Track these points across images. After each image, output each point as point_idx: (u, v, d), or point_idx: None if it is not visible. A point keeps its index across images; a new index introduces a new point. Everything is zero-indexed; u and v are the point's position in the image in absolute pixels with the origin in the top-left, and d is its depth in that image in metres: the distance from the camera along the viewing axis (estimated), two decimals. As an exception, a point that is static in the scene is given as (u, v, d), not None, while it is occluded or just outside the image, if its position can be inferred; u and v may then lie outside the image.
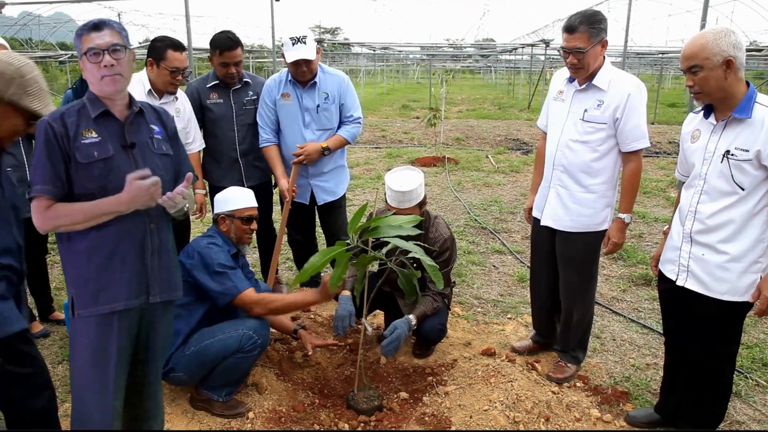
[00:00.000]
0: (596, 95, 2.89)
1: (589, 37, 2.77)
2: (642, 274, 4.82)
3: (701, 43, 2.21)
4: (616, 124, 2.86)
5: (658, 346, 3.63)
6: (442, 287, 2.69)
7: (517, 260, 5.27)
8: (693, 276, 2.41)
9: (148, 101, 3.47)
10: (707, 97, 2.30)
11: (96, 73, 1.93)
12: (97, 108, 1.98)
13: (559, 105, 3.07)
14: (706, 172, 2.33)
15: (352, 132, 3.98)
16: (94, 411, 2.02)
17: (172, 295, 2.16)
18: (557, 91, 3.11)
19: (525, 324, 3.96)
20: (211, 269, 2.78)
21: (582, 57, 2.81)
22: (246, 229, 3.02)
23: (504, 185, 8.40)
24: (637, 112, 2.83)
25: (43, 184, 1.90)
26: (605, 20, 2.83)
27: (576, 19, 2.80)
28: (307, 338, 3.22)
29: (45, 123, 1.92)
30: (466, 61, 42.28)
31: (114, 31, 1.96)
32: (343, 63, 32.69)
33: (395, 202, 3.14)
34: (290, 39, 3.65)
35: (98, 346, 1.99)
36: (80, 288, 1.97)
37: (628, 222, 3.00)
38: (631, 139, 2.87)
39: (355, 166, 9.59)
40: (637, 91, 2.83)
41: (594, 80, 2.88)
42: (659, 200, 7.49)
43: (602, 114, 2.87)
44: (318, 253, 2.58)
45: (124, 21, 28.49)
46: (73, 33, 2.07)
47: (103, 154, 1.95)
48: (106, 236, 1.95)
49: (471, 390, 2.97)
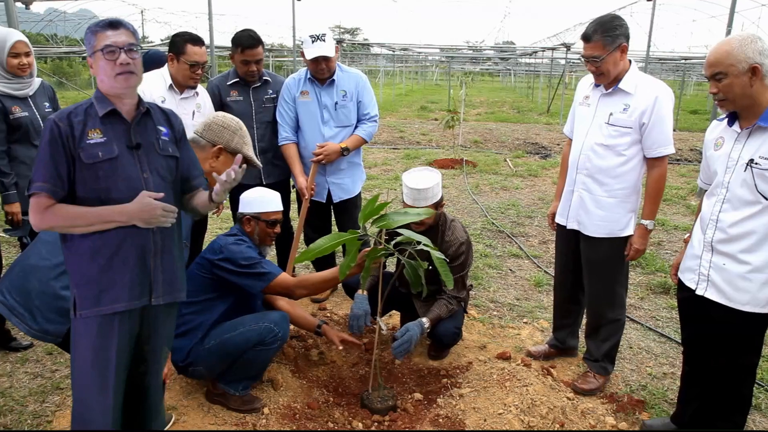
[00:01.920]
0: (623, 99, 2.88)
1: (604, 44, 2.78)
2: (660, 282, 4.78)
3: (726, 49, 2.19)
4: (642, 129, 2.84)
5: (675, 355, 3.60)
6: (452, 285, 2.69)
7: (534, 264, 5.25)
8: (713, 285, 2.38)
9: (169, 96, 3.53)
10: (731, 104, 2.27)
11: (110, 70, 1.93)
12: (105, 107, 1.98)
13: (585, 109, 3.06)
14: (729, 180, 2.30)
15: (368, 131, 4.03)
16: (94, 411, 2.02)
17: (175, 297, 2.15)
18: (583, 96, 3.10)
19: (541, 329, 3.95)
20: (241, 263, 2.79)
21: (599, 64, 2.81)
22: (270, 232, 3.05)
23: (522, 189, 8.37)
24: (664, 118, 2.81)
25: (43, 182, 1.89)
26: (622, 25, 2.81)
27: (591, 28, 2.81)
28: (332, 333, 3.17)
29: (51, 122, 1.92)
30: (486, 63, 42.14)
31: (129, 31, 1.98)
32: (362, 63, 32.74)
33: (411, 199, 3.16)
34: (310, 36, 3.72)
35: (99, 347, 1.98)
36: (82, 288, 1.97)
37: (651, 228, 2.97)
38: (657, 144, 2.85)
39: (373, 167, 9.61)
40: (665, 96, 2.81)
41: (620, 84, 2.87)
42: (679, 208, 7.42)
43: (628, 118, 2.85)
44: (327, 236, 2.59)
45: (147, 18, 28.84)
46: None
47: (107, 154, 1.94)
48: (109, 237, 1.95)
49: (486, 393, 2.97)
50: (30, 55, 3.34)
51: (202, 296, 2.86)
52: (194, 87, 3.64)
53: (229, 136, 2.75)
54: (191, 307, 2.84)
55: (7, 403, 2.99)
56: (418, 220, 2.66)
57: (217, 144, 2.73)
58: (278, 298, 3.19)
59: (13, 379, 3.22)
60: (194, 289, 2.86)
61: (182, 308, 2.87)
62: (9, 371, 3.29)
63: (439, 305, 3.28)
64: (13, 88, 3.30)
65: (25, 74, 3.32)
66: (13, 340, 3.53)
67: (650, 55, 12.73)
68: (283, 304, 3.22)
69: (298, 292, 2.88)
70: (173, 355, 2.87)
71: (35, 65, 3.44)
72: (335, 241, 2.57)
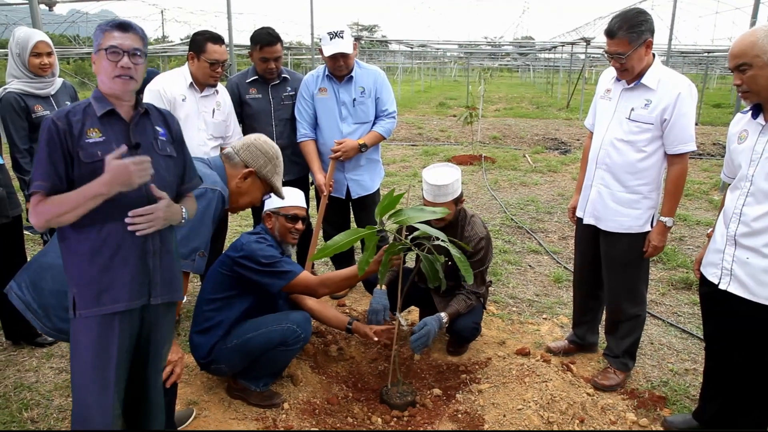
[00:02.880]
0: (644, 94, 2.84)
1: (629, 41, 2.73)
2: (682, 277, 4.72)
3: (751, 40, 2.15)
4: (663, 125, 2.80)
5: (697, 351, 3.55)
6: (471, 281, 2.68)
7: (554, 260, 5.21)
8: (736, 280, 2.35)
9: (189, 94, 3.56)
10: (756, 96, 2.23)
11: (110, 71, 1.92)
12: (103, 107, 1.96)
13: (606, 103, 3.03)
14: (753, 173, 2.27)
15: (387, 127, 4.03)
16: (94, 411, 2.01)
17: (173, 297, 2.14)
18: (605, 89, 3.06)
19: (560, 325, 3.92)
20: (261, 261, 2.79)
21: (624, 61, 2.76)
22: (290, 227, 3.04)
23: (541, 185, 8.31)
24: (686, 114, 2.77)
25: (42, 181, 1.87)
26: (648, 20, 2.75)
27: (615, 23, 2.75)
28: (363, 328, 3.12)
29: (50, 121, 1.90)
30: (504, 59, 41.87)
31: (138, 36, 1.96)
32: (380, 60, 32.72)
33: (431, 196, 3.16)
34: (328, 34, 3.75)
35: (99, 347, 1.97)
36: (82, 288, 1.96)
37: (671, 226, 2.94)
38: (678, 141, 2.81)
39: (392, 163, 9.61)
40: (688, 92, 2.76)
41: (642, 79, 2.83)
42: (701, 203, 7.31)
43: (649, 114, 2.81)
44: (345, 232, 2.59)
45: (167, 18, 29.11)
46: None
47: (106, 153, 1.91)
48: (108, 237, 1.94)
49: (505, 389, 2.96)
50: (52, 55, 3.39)
51: (222, 293, 2.88)
52: (214, 85, 3.67)
53: (263, 162, 2.72)
54: (212, 304, 2.87)
55: (34, 398, 3.05)
56: (435, 218, 2.65)
57: (250, 166, 2.71)
58: (306, 298, 3.18)
59: (39, 374, 3.28)
60: (215, 286, 2.89)
61: (203, 305, 2.90)
62: (35, 366, 3.36)
63: (458, 300, 3.28)
64: (35, 87, 3.36)
65: (46, 74, 3.38)
66: (38, 336, 3.60)
67: (672, 48, 12.55)
68: (313, 304, 3.20)
69: (321, 290, 2.89)
70: (195, 352, 2.90)
71: (57, 65, 3.49)
72: (353, 237, 2.57)
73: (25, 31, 3.36)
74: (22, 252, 3.52)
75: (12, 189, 3.34)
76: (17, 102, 3.28)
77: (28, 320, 2.28)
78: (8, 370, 3.31)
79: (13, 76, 3.34)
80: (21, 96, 3.30)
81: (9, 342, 3.60)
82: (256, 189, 2.75)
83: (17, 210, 3.36)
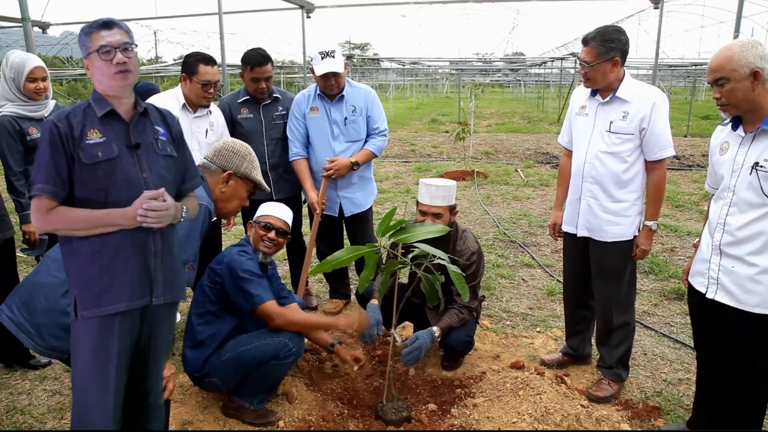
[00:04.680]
0: (621, 107, 2.95)
1: (598, 53, 2.88)
2: (674, 288, 4.75)
3: (727, 55, 2.22)
4: (642, 134, 2.92)
5: (690, 361, 3.57)
6: (467, 298, 2.71)
7: (547, 274, 5.24)
8: (723, 289, 2.38)
9: (182, 115, 3.59)
10: (734, 108, 2.29)
11: (107, 70, 1.93)
12: (103, 107, 1.98)
13: (583, 119, 3.12)
14: (735, 184, 2.32)
15: (378, 145, 4.08)
16: (94, 412, 2.01)
17: (174, 297, 2.14)
18: (579, 106, 3.17)
19: (554, 338, 3.94)
20: (236, 275, 2.83)
21: (588, 70, 2.93)
22: (263, 235, 3.05)
23: (533, 199, 8.37)
24: (661, 121, 2.90)
25: (44, 184, 1.88)
26: (621, 40, 2.88)
27: (591, 33, 2.92)
28: (343, 352, 3.21)
29: (51, 123, 1.91)
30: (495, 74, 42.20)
31: (123, 31, 1.98)
32: (372, 78, 32.95)
33: (428, 197, 3.21)
34: (319, 53, 3.79)
35: (100, 348, 1.97)
36: (83, 289, 1.96)
37: (655, 229, 3.05)
38: (657, 148, 2.92)
39: (384, 180, 9.65)
40: (662, 102, 2.90)
41: (617, 92, 2.95)
42: (692, 214, 7.37)
43: (629, 125, 2.92)
44: (345, 248, 2.64)
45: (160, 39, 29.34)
46: None
47: (107, 154, 1.94)
48: (109, 238, 1.94)
49: (499, 402, 2.97)
50: (46, 80, 3.43)
51: (210, 307, 2.91)
52: (207, 106, 3.71)
53: (238, 162, 2.81)
54: (201, 318, 2.90)
55: (27, 421, 3.04)
56: (437, 235, 2.68)
57: (227, 169, 2.78)
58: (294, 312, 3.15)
59: (32, 396, 3.27)
60: (202, 300, 2.92)
61: (193, 320, 2.91)
62: (28, 389, 3.35)
63: (450, 315, 3.30)
64: (29, 110, 3.39)
65: (41, 98, 3.41)
66: (32, 358, 3.59)
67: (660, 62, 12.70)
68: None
69: (276, 321, 2.87)
70: (188, 366, 2.91)
71: (51, 88, 3.53)
72: (353, 254, 2.61)
73: (20, 55, 3.39)
74: (15, 274, 3.52)
75: (5, 211, 3.35)
76: (12, 125, 3.30)
77: (20, 341, 2.28)
78: (1, 393, 3.30)
79: (7, 99, 3.36)
80: (15, 119, 3.33)
81: (2, 365, 3.58)
82: (240, 188, 2.83)
83: (9, 232, 3.37)
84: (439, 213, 3.22)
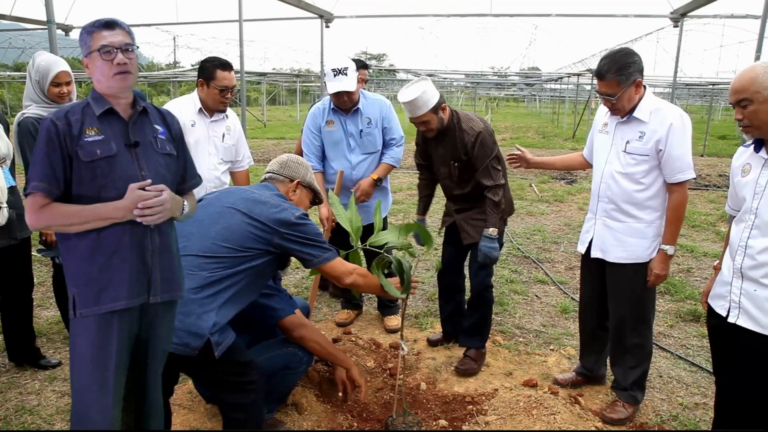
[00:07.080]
0: (638, 127, 2.91)
1: (618, 83, 2.81)
2: (690, 309, 4.68)
3: (751, 76, 2.18)
4: (659, 155, 2.86)
5: (707, 385, 3.51)
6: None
7: (561, 291, 5.19)
8: (745, 312, 2.33)
9: (199, 119, 3.60)
10: (757, 131, 2.25)
11: (107, 70, 1.94)
12: (101, 106, 1.98)
13: (604, 137, 3.10)
14: (757, 206, 2.27)
15: (395, 156, 4.10)
16: (93, 411, 2.00)
17: (173, 296, 2.13)
18: (602, 123, 3.13)
19: (568, 356, 3.89)
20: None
21: (614, 101, 2.85)
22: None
23: (548, 215, 8.32)
24: (680, 143, 2.82)
25: (39, 181, 1.88)
26: (636, 62, 2.83)
27: (604, 65, 2.84)
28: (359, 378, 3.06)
29: (49, 121, 1.92)
30: (511, 89, 42.21)
31: (125, 31, 1.98)
32: (388, 89, 33.05)
33: (408, 112, 3.32)
34: (332, 70, 3.77)
35: (99, 346, 1.96)
36: (82, 288, 1.95)
37: (672, 254, 2.96)
38: (676, 170, 2.86)
39: (398, 191, 9.64)
40: (680, 122, 2.83)
41: (635, 112, 2.90)
42: (708, 234, 7.29)
43: (644, 146, 2.87)
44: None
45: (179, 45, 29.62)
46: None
47: (106, 152, 1.93)
48: (107, 236, 1.94)
49: (512, 421, 2.93)
50: (71, 84, 3.44)
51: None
52: (224, 110, 3.72)
53: (304, 172, 2.97)
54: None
55: (35, 421, 3.04)
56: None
57: (295, 179, 2.93)
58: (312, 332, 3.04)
59: (41, 397, 3.28)
60: None
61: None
62: (38, 389, 3.35)
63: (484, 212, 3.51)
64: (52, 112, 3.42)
65: (64, 101, 3.44)
66: (42, 358, 3.60)
67: (678, 80, 12.64)
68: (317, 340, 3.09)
69: (302, 332, 2.92)
70: None
71: (75, 91, 3.55)
72: None
73: (46, 59, 3.38)
74: (30, 273, 3.54)
75: (22, 211, 3.37)
76: (35, 127, 3.32)
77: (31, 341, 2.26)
78: (10, 393, 3.31)
79: (31, 100, 3.38)
80: (38, 121, 3.35)
81: (12, 364, 3.60)
82: (305, 197, 3.00)
83: (26, 232, 3.39)
84: (425, 120, 3.34)
